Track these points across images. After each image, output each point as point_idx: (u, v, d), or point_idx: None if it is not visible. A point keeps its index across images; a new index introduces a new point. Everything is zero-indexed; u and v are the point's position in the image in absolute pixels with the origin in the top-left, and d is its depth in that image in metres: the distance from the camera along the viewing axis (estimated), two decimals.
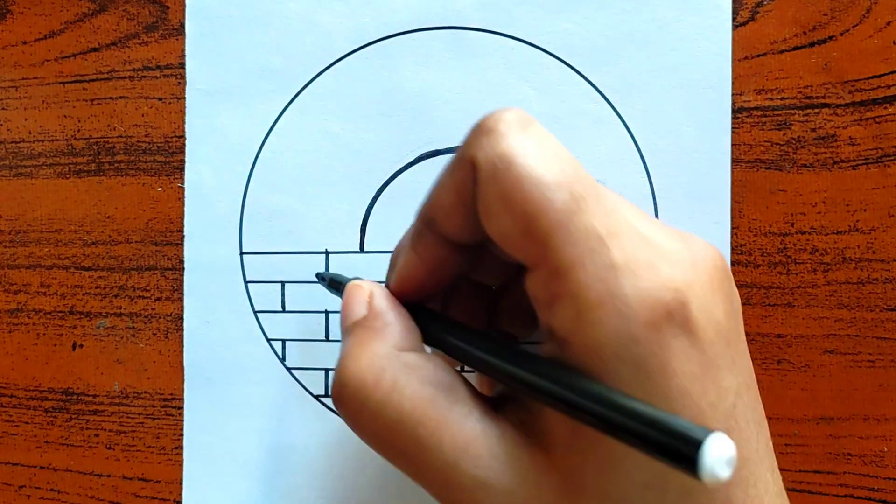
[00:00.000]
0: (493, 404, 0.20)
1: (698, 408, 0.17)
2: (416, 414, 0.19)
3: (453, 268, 0.22)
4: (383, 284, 0.23)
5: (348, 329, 0.22)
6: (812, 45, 0.27)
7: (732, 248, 0.28)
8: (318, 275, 0.28)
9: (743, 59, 0.28)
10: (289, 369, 0.30)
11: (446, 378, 0.20)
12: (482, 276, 0.24)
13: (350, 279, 0.24)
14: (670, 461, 0.15)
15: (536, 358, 0.19)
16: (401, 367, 0.20)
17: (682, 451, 0.14)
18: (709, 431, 0.14)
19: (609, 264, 0.17)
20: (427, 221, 0.21)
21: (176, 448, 0.31)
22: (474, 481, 0.18)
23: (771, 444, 0.20)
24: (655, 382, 0.17)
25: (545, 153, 0.18)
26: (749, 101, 0.28)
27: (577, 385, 0.17)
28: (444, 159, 0.29)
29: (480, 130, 0.18)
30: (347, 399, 0.20)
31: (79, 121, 0.32)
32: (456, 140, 0.29)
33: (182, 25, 0.31)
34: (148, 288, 0.31)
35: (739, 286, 0.26)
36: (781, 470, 0.20)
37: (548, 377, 0.18)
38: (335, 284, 0.26)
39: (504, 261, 0.21)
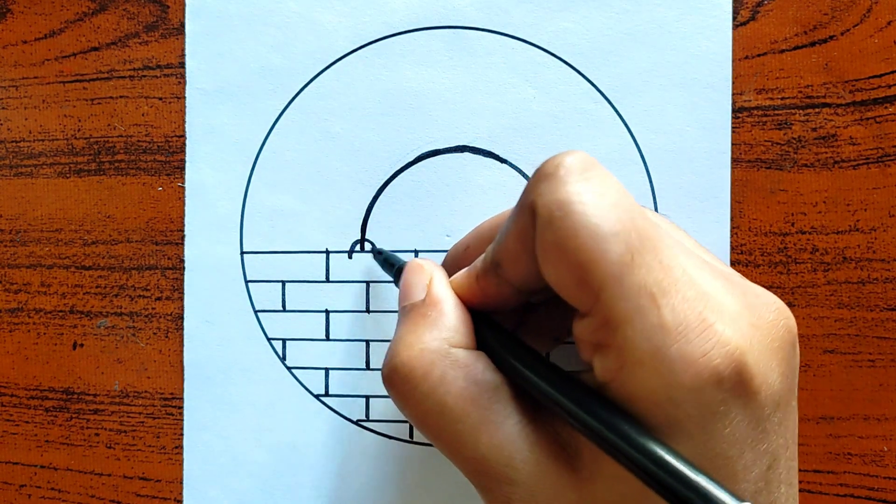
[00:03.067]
0: (535, 407, 0.21)
1: (731, 469, 0.17)
2: (457, 410, 0.20)
3: (511, 304, 0.22)
4: (441, 264, 0.24)
5: (405, 310, 0.22)
6: (813, 44, 0.27)
7: (732, 248, 0.28)
8: (373, 249, 0.29)
9: (743, 58, 0.28)
10: (289, 369, 0.30)
11: (492, 378, 0.20)
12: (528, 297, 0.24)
13: (405, 261, 0.25)
14: None
15: (576, 384, 0.19)
16: (450, 362, 0.20)
17: None
18: (739, 501, 0.15)
19: (657, 324, 0.17)
20: (494, 263, 0.21)
21: (176, 447, 0.31)
22: (504, 477, 0.19)
23: (798, 501, 0.20)
24: (690, 443, 0.17)
25: (604, 201, 0.17)
26: (749, 101, 0.28)
27: (613, 423, 0.17)
28: (444, 159, 0.29)
29: (541, 175, 0.18)
30: (397, 383, 0.21)
31: (79, 120, 0.32)
32: (456, 140, 0.29)
33: (182, 25, 0.31)
34: (148, 287, 0.31)
35: None
36: None
37: (585, 407, 0.18)
38: (389, 265, 0.27)
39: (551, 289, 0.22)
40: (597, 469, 0.18)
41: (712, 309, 0.17)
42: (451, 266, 0.25)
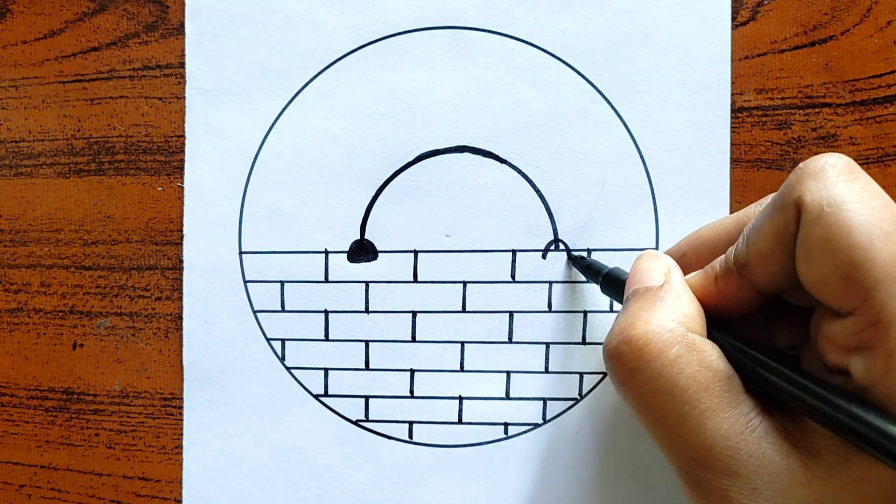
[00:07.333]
0: (764, 404, 0.20)
1: None
2: (688, 393, 0.19)
3: (744, 310, 0.22)
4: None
5: (638, 292, 0.22)
6: (812, 44, 0.27)
7: None
8: (569, 253, 0.28)
9: (743, 58, 0.28)
10: (289, 369, 0.30)
11: (725, 368, 0.20)
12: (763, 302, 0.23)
13: (610, 267, 0.25)
14: None
15: (823, 384, 0.18)
16: (686, 344, 0.20)
17: None
18: None
19: None
20: (740, 264, 0.20)
21: (176, 447, 0.31)
22: (724, 468, 0.19)
23: None
24: None
25: (874, 202, 0.17)
26: (749, 101, 0.28)
27: (885, 428, 0.17)
28: (444, 159, 0.29)
29: (806, 173, 0.18)
30: (627, 357, 0.20)
31: (79, 120, 0.32)
32: (456, 140, 0.29)
33: (182, 25, 0.31)
34: (148, 287, 0.31)
35: None
36: None
37: (843, 409, 0.18)
38: (593, 270, 0.27)
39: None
40: (841, 469, 0.18)
41: None
42: None
